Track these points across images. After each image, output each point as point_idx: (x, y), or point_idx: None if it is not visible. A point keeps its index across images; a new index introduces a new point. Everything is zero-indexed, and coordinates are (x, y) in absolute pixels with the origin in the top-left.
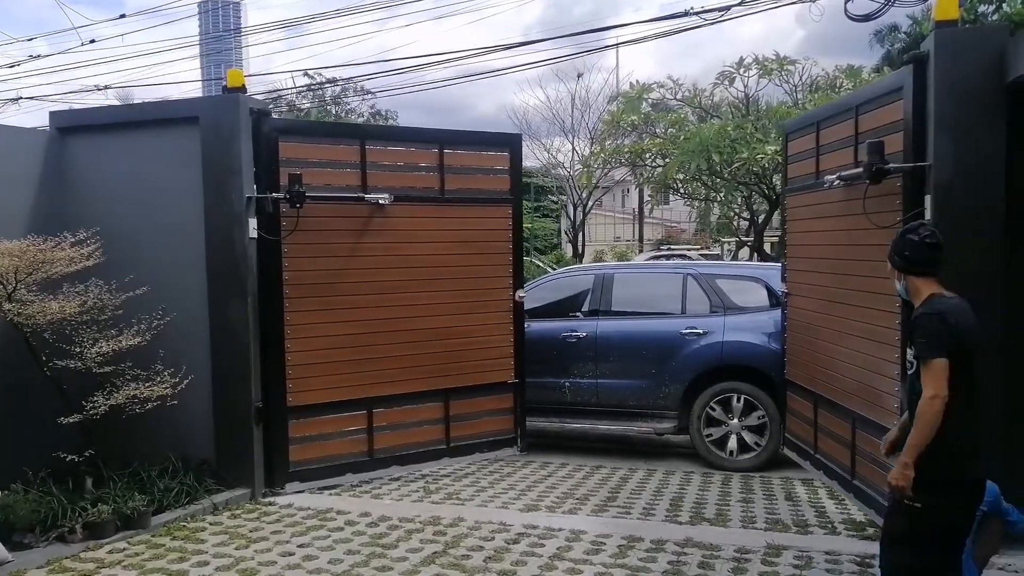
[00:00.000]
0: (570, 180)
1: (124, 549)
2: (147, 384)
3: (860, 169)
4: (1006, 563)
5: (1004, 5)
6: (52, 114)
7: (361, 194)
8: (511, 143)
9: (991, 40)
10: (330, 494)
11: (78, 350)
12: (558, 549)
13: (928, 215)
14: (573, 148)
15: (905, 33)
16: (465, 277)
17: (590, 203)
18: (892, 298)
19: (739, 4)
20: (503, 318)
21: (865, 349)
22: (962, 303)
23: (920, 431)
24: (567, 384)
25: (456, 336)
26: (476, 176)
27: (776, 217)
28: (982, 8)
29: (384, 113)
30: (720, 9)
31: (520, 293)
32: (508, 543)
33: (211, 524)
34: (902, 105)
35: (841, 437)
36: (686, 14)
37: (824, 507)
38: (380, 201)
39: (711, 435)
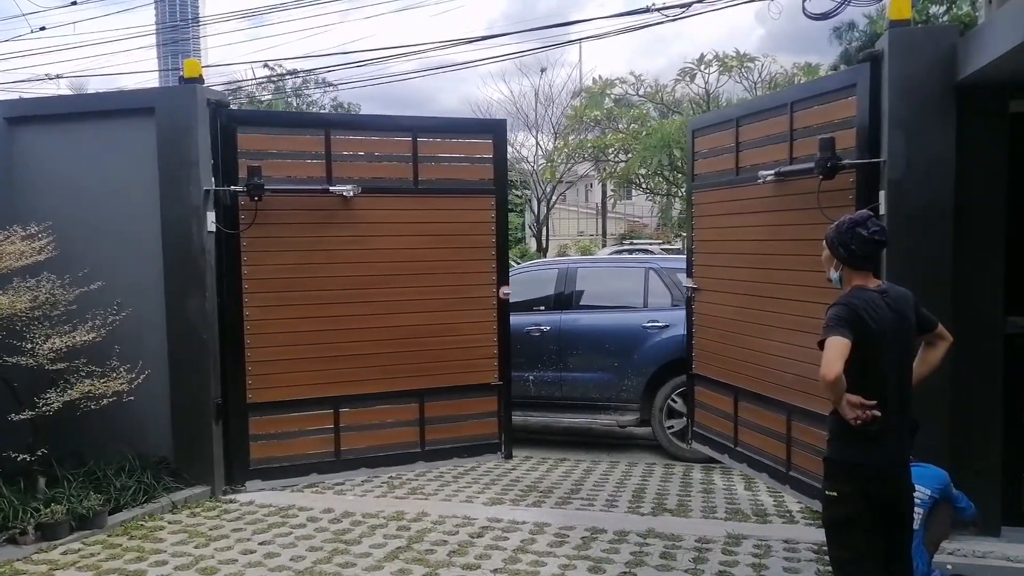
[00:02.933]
0: (534, 175)
1: (79, 550)
2: (102, 380)
3: (806, 165)
4: (955, 548)
5: (953, 7)
6: (0, 103)
7: (326, 186)
8: (495, 130)
9: (942, 40)
10: (292, 491)
11: (29, 346)
12: (522, 542)
13: (882, 210)
14: (537, 143)
15: (862, 31)
16: (442, 272)
17: (554, 198)
18: (827, 289)
19: (699, 1)
20: (485, 316)
21: (800, 341)
22: (877, 297)
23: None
24: (531, 377)
25: (432, 335)
26: (455, 165)
27: None
28: (933, 9)
29: (346, 105)
30: (681, 6)
31: (505, 290)
32: (472, 537)
33: (170, 523)
34: (855, 102)
35: (772, 430)
36: (647, 11)
37: (782, 497)
38: (345, 193)
39: (672, 427)
